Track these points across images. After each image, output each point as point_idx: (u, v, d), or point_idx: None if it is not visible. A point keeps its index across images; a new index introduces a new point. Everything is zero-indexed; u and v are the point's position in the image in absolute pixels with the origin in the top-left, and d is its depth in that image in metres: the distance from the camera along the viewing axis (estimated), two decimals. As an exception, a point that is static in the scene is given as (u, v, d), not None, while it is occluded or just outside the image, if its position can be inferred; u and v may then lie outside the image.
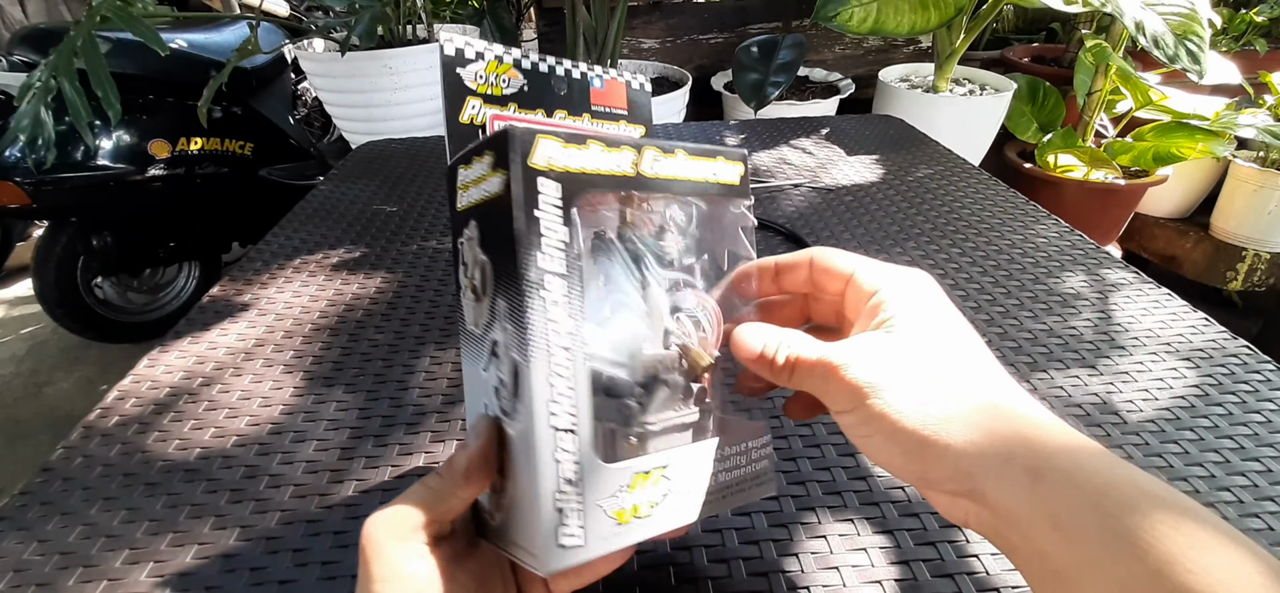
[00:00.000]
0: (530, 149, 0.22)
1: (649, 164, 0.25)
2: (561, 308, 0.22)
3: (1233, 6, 1.95)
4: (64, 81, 1.02)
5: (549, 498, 0.22)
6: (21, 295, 2.04)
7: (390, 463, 0.40)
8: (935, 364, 0.23)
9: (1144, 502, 0.18)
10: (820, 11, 1.44)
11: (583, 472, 0.22)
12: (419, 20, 1.64)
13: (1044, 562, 0.20)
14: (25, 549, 0.35)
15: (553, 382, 0.22)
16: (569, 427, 0.22)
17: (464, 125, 0.25)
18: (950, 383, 0.22)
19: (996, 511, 0.20)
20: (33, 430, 1.55)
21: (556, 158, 0.22)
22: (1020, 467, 0.20)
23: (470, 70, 0.25)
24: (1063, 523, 0.19)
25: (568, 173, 0.22)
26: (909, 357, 0.23)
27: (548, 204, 0.22)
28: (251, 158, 1.68)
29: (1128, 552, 0.18)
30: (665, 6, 2.14)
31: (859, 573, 0.33)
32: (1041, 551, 0.20)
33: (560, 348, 0.22)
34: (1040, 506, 0.19)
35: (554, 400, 0.22)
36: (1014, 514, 0.20)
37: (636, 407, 0.26)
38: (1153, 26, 1.19)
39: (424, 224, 0.71)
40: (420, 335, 0.53)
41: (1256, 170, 1.61)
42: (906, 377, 0.23)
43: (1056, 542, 0.19)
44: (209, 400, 0.46)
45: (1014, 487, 0.20)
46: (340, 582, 0.33)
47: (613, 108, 0.28)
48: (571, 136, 0.23)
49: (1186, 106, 1.54)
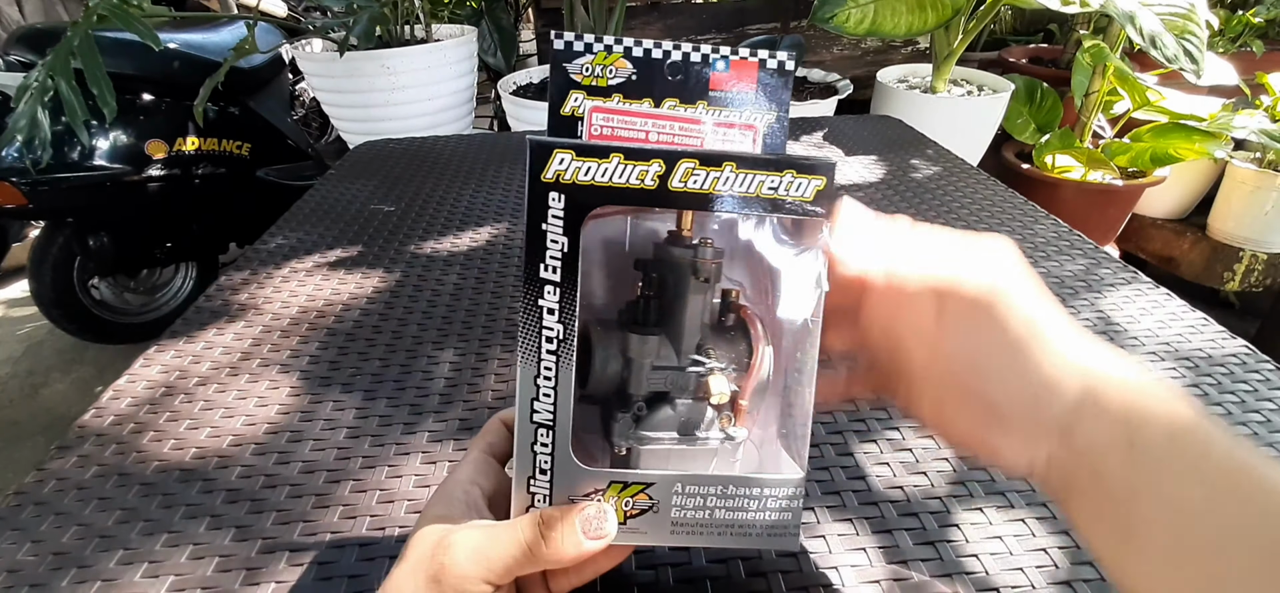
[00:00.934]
0: (543, 165, 0.23)
1: (680, 178, 0.23)
2: (555, 316, 0.24)
3: (1229, 8, 1.96)
4: (61, 81, 1.02)
5: (524, 482, 0.25)
6: (18, 296, 2.03)
7: (387, 463, 0.40)
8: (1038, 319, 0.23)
9: (1215, 431, 0.20)
10: (817, 13, 1.44)
11: (554, 466, 0.25)
12: (417, 20, 1.63)
13: (1104, 488, 0.21)
14: (19, 550, 0.35)
15: (538, 383, 0.24)
16: (547, 422, 0.25)
17: (564, 118, 0.25)
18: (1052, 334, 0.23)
19: (1077, 444, 0.21)
20: (29, 432, 1.54)
21: (568, 171, 0.23)
22: (1110, 398, 0.21)
23: (578, 63, 0.25)
24: (1135, 442, 0.20)
25: (577, 186, 0.23)
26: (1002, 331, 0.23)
27: (553, 216, 0.23)
28: (249, 158, 1.67)
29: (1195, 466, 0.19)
30: (663, 7, 2.14)
31: (858, 573, 0.33)
32: (1109, 474, 0.21)
33: (548, 353, 0.24)
34: (1121, 427, 0.21)
35: (537, 399, 0.24)
36: (1093, 443, 0.21)
37: (630, 420, 0.26)
38: (1151, 27, 1.19)
39: (422, 224, 0.71)
40: (417, 336, 0.52)
41: (1253, 171, 1.62)
42: None
43: (1127, 461, 0.20)
44: (205, 401, 0.45)
45: (1102, 417, 0.21)
46: (336, 582, 0.33)
47: (736, 91, 0.27)
48: (589, 149, 0.23)
49: (1184, 107, 1.55)
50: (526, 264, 0.24)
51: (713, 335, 0.27)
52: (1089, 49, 1.53)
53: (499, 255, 0.65)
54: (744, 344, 0.27)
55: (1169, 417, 0.20)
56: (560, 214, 0.23)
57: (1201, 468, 0.19)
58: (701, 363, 0.27)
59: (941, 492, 0.37)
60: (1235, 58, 1.74)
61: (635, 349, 0.26)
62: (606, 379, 0.26)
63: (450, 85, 1.54)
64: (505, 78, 1.69)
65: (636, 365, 0.26)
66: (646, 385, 0.26)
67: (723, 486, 0.26)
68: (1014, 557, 0.34)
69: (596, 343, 0.26)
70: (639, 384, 0.26)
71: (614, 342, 0.26)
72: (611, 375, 0.26)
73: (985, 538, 0.35)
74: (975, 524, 0.35)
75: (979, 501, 0.37)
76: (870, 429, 0.42)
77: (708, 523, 0.26)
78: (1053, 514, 0.36)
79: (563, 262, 0.24)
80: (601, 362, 0.26)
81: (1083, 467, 0.21)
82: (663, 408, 0.27)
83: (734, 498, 0.26)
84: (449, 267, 0.63)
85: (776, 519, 0.27)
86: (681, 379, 0.27)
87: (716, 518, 0.26)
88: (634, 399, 0.26)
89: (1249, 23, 1.85)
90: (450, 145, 0.96)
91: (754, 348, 0.27)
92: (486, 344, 0.51)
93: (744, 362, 0.27)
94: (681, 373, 0.27)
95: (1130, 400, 0.21)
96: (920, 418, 0.26)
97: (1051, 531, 0.35)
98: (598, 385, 0.26)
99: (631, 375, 0.26)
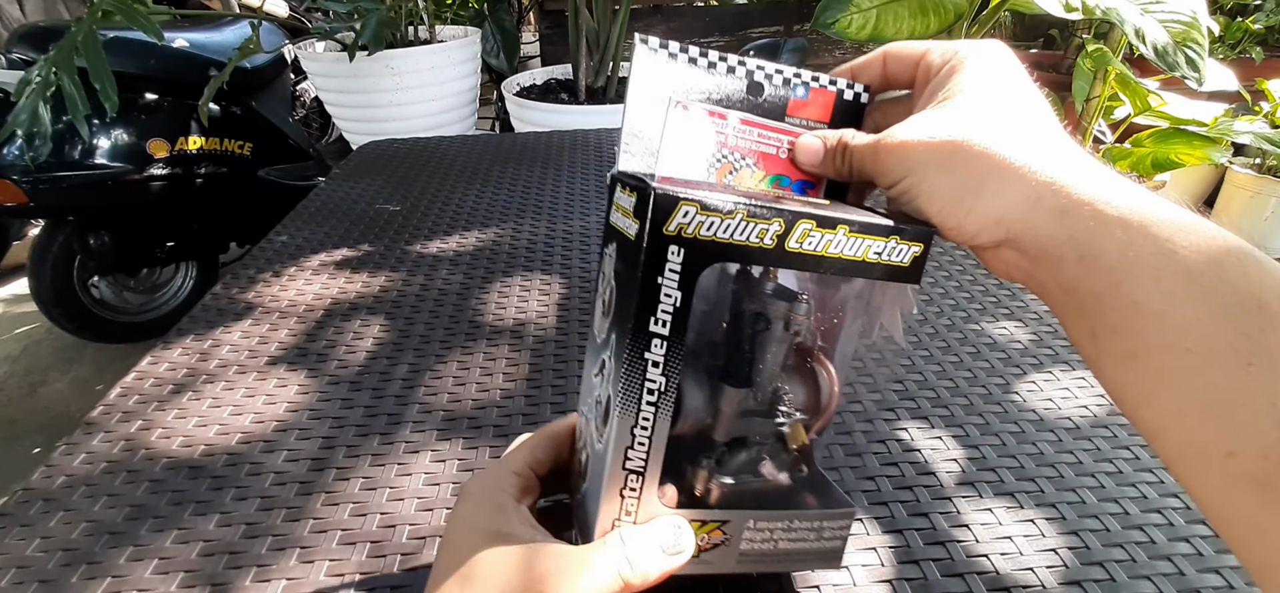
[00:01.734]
0: (666, 216, 0.21)
1: (797, 239, 0.23)
2: (659, 369, 0.23)
3: (1230, 14, 1.96)
4: (63, 77, 1.02)
5: (609, 520, 0.25)
6: (17, 294, 2.03)
7: (396, 461, 0.40)
8: (986, 130, 0.23)
9: (1164, 222, 0.19)
10: (819, 19, 1.44)
11: (639, 509, 0.25)
12: (420, 21, 1.64)
13: (1071, 296, 0.21)
14: (28, 546, 0.34)
15: (635, 432, 0.24)
16: (639, 469, 0.24)
17: (645, 124, 0.25)
18: (997, 143, 0.22)
19: (1028, 252, 0.22)
20: (27, 431, 1.54)
21: (691, 225, 0.22)
22: (1047, 207, 0.21)
23: (664, 71, 0.25)
24: (1085, 253, 0.20)
25: (698, 241, 0.22)
26: (959, 124, 0.23)
27: (670, 269, 0.22)
28: (250, 158, 1.67)
29: (1144, 272, 0.19)
30: (667, 9, 2.15)
31: (869, 572, 0.33)
32: (1070, 283, 0.21)
33: (649, 404, 0.24)
34: (1067, 241, 0.20)
35: (632, 447, 0.24)
36: (1044, 252, 0.21)
37: (713, 464, 0.27)
38: (1153, 34, 1.19)
39: (427, 224, 0.71)
40: (424, 335, 0.52)
41: (1253, 176, 1.62)
42: (952, 141, 0.23)
43: (1083, 272, 0.20)
44: (213, 398, 0.45)
45: (1043, 225, 0.21)
46: (347, 578, 0.33)
47: (814, 121, 0.27)
48: (711, 205, 0.22)
49: (1184, 113, 1.55)
50: (636, 316, 0.22)
51: (786, 375, 0.28)
52: (1091, 54, 1.54)
53: (504, 255, 0.65)
54: (814, 388, 0.28)
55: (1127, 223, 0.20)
56: (677, 268, 0.22)
57: (1161, 272, 0.19)
58: (784, 413, 0.27)
59: (951, 492, 0.37)
60: (1235, 63, 1.74)
61: (726, 400, 0.26)
62: (693, 426, 0.27)
63: (454, 86, 1.55)
64: (508, 79, 1.69)
65: (724, 415, 0.27)
66: (730, 433, 0.27)
67: (790, 521, 0.27)
68: (1024, 557, 0.34)
69: (687, 392, 0.26)
70: (724, 432, 0.27)
71: (703, 390, 0.26)
72: (698, 422, 0.27)
73: (995, 538, 0.35)
74: (985, 524, 0.35)
75: (988, 501, 0.37)
76: (879, 430, 0.42)
77: (772, 553, 0.28)
78: (1062, 515, 0.36)
79: (674, 316, 0.23)
80: (691, 410, 0.26)
81: (1042, 273, 0.22)
82: (741, 452, 0.28)
83: (798, 531, 0.28)
84: (455, 266, 0.63)
85: (830, 547, 0.28)
86: (763, 427, 0.27)
87: (780, 548, 0.28)
88: (717, 445, 0.27)
89: (1249, 29, 1.86)
90: (454, 146, 0.96)
91: (828, 395, 0.28)
92: (494, 343, 0.51)
93: (814, 404, 0.28)
94: (763, 420, 0.27)
95: (1067, 205, 0.21)
96: None
97: (1061, 531, 0.35)
98: (684, 433, 0.27)
99: (718, 423, 0.27)
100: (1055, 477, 0.39)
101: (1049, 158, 0.22)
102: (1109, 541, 0.34)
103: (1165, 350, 0.19)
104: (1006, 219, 0.22)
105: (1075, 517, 0.36)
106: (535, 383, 0.47)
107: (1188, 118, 1.54)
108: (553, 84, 1.73)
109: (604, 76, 1.60)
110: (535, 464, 0.28)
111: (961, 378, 0.47)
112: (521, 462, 0.28)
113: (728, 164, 0.26)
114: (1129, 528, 0.35)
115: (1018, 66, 0.24)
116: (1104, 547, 0.34)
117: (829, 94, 0.27)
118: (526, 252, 0.65)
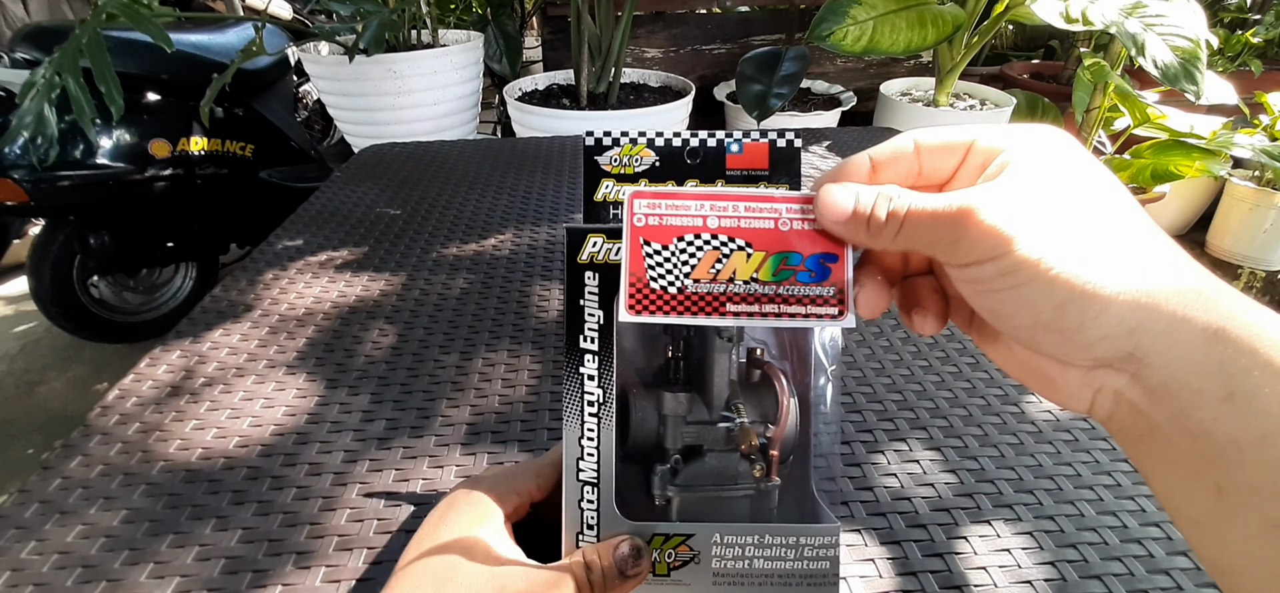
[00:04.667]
0: (578, 247, 0.26)
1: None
2: (595, 381, 0.26)
3: (1229, 28, 1.97)
4: (68, 78, 1.02)
5: (572, 535, 0.27)
6: (16, 293, 2.03)
7: (394, 467, 0.40)
8: (1084, 211, 0.19)
9: None
10: (814, 31, 1.44)
11: (600, 520, 0.27)
12: (423, 25, 1.64)
13: (1197, 442, 0.17)
14: (23, 549, 0.34)
15: (583, 444, 0.26)
16: (592, 479, 0.27)
17: (597, 204, 0.28)
18: (1105, 230, 0.19)
19: (1152, 380, 0.18)
20: (24, 430, 1.53)
21: (600, 253, 0.26)
22: (1198, 325, 0.17)
23: (607, 155, 0.28)
24: (1237, 391, 0.16)
25: (609, 265, 0.26)
26: (1053, 201, 0.19)
27: (589, 293, 0.26)
28: (252, 159, 1.67)
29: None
30: (669, 17, 2.15)
31: (867, 584, 0.33)
32: (1202, 426, 0.17)
33: (590, 415, 0.27)
34: (1215, 371, 0.17)
35: (582, 458, 0.27)
36: (1178, 383, 0.17)
37: (667, 472, 0.28)
38: (1153, 47, 1.20)
39: (428, 228, 0.71)
40: (424, 339, 0.52)
41: (1252, 189, 1.63)
42: (1055, 221, 0.19)
43: (1226, 414, 0.16)
44: (211, 401, 0.45)
45: (1188, 347, 0.17)
46: (344, 585, 0.33)
47: (751, 169, 0.28)
48: (618, 233, 0.25)
49: (1184, 125, 1.56)
50: (567, 335, 0.26)
51: (742, 392, 0.29)
52: (1090, 66, 1.54)
53: (505, 259, 0.65)
54: (771, 398, 0.29)
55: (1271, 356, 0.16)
56: (595, 291, 0.26)
57: None
58: (730, 416, 0.29)
59: (949, 504, 0.37)
60: (1234, 77, 1.75)
61: (669, 406, 0.28)
62: (644, 436, 0.28)
63: (456, 90, 1.55)
64: (511, 84, 1.70)
65: (671, 421, 0.28)
66: (681, 440, 0.28)
67: (759, 535, 0.27)
68: (1022, 569, 0.34)
69: (634, 402, 0.28)
70: (674, 439, 0.28)
71: (649, 401, 0.28)
72: (648, 432, 0.28)
73: (993, 551, 0.35)
74: (983, 537, 0.35)
75: (987, 513, 0.37)
76: (877, 441, 0.42)
77: (748, 573, 0.28)
78: (1060, 527, 0.36)
79: (599, 332, 0.26)
80: (639, 420, 0.28)
81: (1161, 410, 0.18)
82: (697, 461, 0.28)
83: (772, 548, 0.28)
84: (455, 270, 0.63)
85: (815, 568, 0.28)
86: (713, 433, 0.28)
87: (756, 568, 0.28)
88: (670, 453, 0.28)
89: (1248, 42, 1.87)
90: (456, 150, 0.96)
91: (780, 401, 0.28)
92: (493, 348, 0.51)
93: (772, 415, 0.29)
94: (712, 427, 0.28)
95: (1221, 330, 0.17)
96: (981, 344, 0.23)
97: (1059, 544, 0.35)
98: (636, 443, 0.28)
99: (667, 431, 0.28)
100: (1054, 489, 0.39)
101: (1181, 260, 0.18)
102: (1107, 554, 0.34)
103: None
104: (1141, 329, 0.18)
105: (1073, 530, 0.36)
106: (534, 389, 0.47)
107: (1187, 130, 1.54)
108: (555, 89, 1.73)
109: (606, 82, 1.61)
110: (537, 488, 0.29)
111: (960, 389, 0.47)
112: (523, 482, 0.29)
113: (714, 250, 0.25)
114: (1127, 541, 0.35)
115: (1082, 150, 0.21)
116: (1102, 560, 0.34)
117: (761, 146, 0.28)
118: (527, 257, 0.65)
